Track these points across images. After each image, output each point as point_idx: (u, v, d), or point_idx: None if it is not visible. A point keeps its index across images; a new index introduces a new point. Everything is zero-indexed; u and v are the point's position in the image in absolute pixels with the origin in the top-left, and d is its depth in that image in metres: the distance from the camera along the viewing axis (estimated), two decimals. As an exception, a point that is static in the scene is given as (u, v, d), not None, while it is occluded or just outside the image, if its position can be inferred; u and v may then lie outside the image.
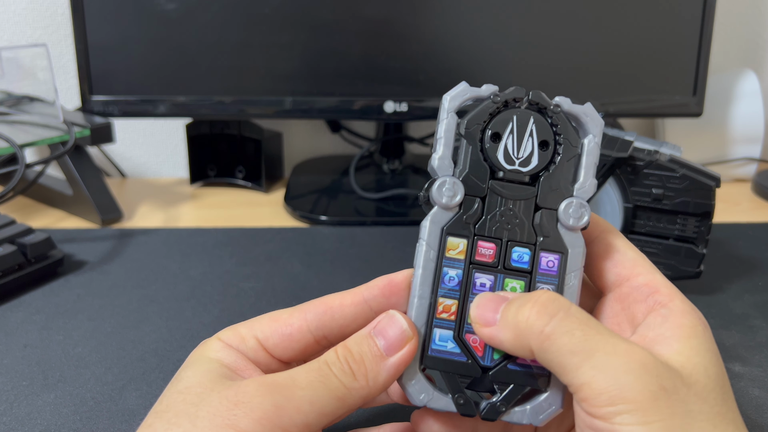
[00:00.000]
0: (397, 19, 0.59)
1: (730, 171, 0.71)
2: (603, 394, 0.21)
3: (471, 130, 0.25)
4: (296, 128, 0.77)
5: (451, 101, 0.26)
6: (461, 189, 0.25)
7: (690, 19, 0.60)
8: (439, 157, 0.25)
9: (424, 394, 0.24)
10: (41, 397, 0.35)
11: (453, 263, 0.25)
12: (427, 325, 0.25)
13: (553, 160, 0.25)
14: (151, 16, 0.58)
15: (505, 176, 0.25)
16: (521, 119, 0.25)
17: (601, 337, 0.22)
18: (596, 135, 0.26)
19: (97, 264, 0.50)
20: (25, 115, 0.61)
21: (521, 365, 0.24)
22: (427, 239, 0.25)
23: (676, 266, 0.44)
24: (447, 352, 0.24)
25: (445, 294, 0.25)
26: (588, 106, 0.26)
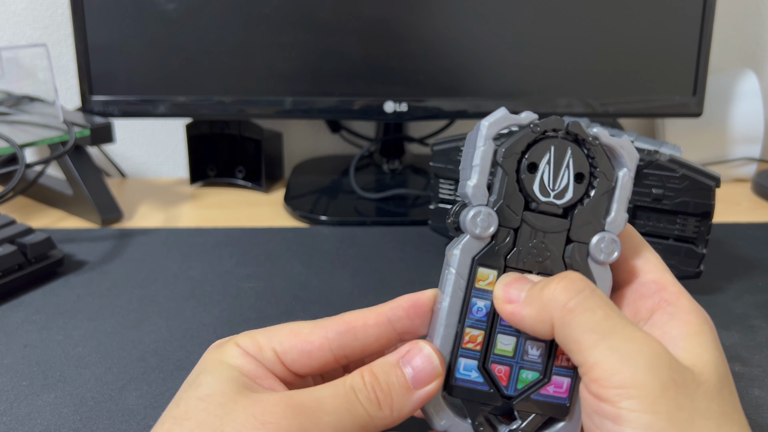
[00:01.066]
0: (397, 19, 0.59)
1: (730, 171, 0.71)
2: (615, 375, 0.21)
3: (508, 160, 0.25)
4: (296, 128, 0.77)
5: (489, 128, 0.25)
6: (495, 220, 0.25)
7: (690, 19, 0.60)
8: (474, 186, 0.25)
9: (445, 420, 0.25)
10: (41, 397, 0.35)
11: (482, 294, 0.25)
12: (453, 354, 0.25)
13: (588, 193, 0.25)
14: (151, 16, 0.58)
15: (539, 208, 0.25)
16: (559, 150, 0.25)
17: (621, 321, 0.22)
18: (631, 169, 0.25)
19: (97, 264, 0.50)
20: (25, 115, 0.61)
21: (545, 396, 0.25)
22: (458, 268, 0.25)
23: (676, 266, 0.44)
24: (471, 382, 0.25)
25: (473, 324, 0.25)
26: (625, 140, 0.25)
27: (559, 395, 0.25)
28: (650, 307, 0.25)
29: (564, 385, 0.25)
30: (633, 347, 0.22)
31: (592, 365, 0.22)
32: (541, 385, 0.25)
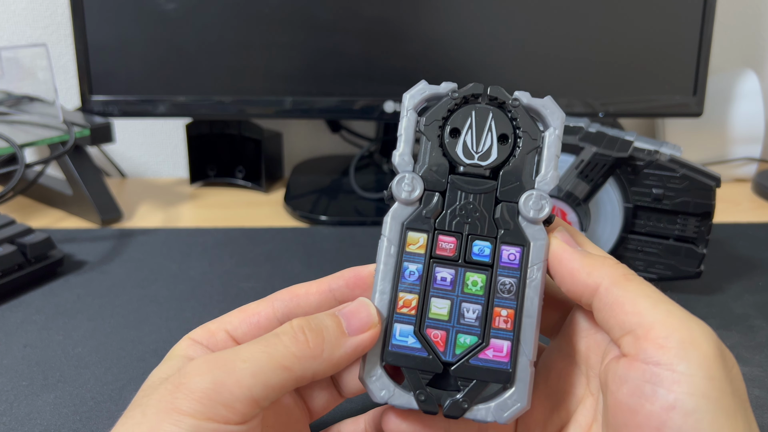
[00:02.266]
0: (396, 19, 0.59)
1: (731, 171, 0.71)
2: (676, 333, 0.21)
3: (430, 126, 0.26)
4: (296, 128, 0.77)
5: (410, 99, 0.26)
6: (420, 184, 0.25)
7: (690, 19, 0.60)
8: (399, 154, 0.25)
9: (385, 391, 0.24)
10: (41, 397, 0.35)
11: (413, 258, 0.25)
12: (388, 320, 0.24)
13: (513, 154, 0.25)
14: (151, 16, 0.58)
15: (465, 171, 0.25)
16: (480, 114, 0.26)
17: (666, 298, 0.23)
18: (557, 127, 0.25)
19: (96, 264, 0.50)
20: (25, 115, 0.61)
21: (484, 360, 0.24)
22: (388, 235, 0.25)
23: (676, 266, 0.44)
24: (408, 348, 0.24)
25: (405, 288, 0.25)
26: (548, 99, 0.26)
27: (499, 359, 0.24)
28: None
29: (504, 349, 0.24)
30: (689, 316, 0.22)
31: (651, 324, 0.21)
32: (479, 349, 0.24)
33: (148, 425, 0.21)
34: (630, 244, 0.45)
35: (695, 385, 0.20)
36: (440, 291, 0.25)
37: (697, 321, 0.22)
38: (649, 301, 0.22)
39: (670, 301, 0.22)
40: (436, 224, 0.25)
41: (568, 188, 0.43)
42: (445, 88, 0.26)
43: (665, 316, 0.21)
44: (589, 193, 0.44)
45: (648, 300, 0.22)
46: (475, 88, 0.26)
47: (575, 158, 0.44)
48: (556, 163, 0.25)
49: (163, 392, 0.22)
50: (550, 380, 0.27)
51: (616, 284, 0.23)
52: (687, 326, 0.21)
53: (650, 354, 0.21)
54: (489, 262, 0.25)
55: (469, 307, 0.24)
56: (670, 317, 0.21)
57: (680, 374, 0.20)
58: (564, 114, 0.26)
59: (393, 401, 0.24)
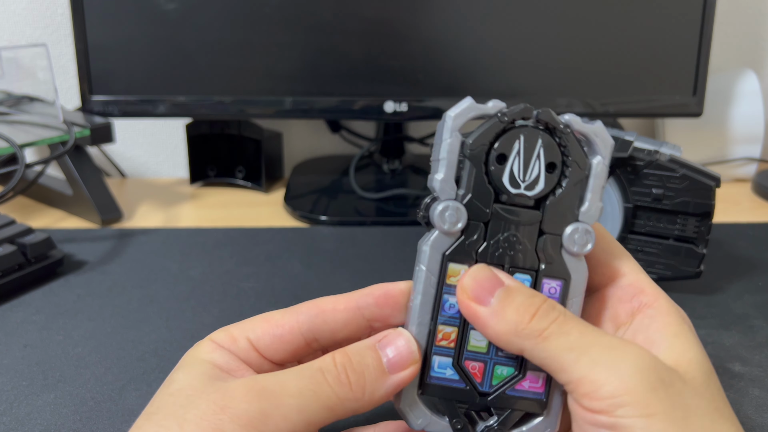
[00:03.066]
0: (397, 19, 0.59)
1: (730, 171, 0.71)
2: (604, 386, 0.21)
3: (476, 152, 0.24)
4: (296, 128, 0.77)
5: (455, 119, 0.24)
6: (464, 215, 0.24)
7: (690, 19, 0.60)
8: (441, 180, 0.24)
9: (422, 419, 0.24)
10: (41, 397, 0.35)
11: (454, 291, 0.24)
12: (427, 352, 0.24)
13: (560, 184, 0.24)
14: (151, 16, 0.58)
15: (509, 200, 0.24)
16: (529, 139, 0.24)
17: (598, 334, 0.23)
18: (605, 157, 0.24)
19: (97, 264, 0.50)
20: (25, 115, 0.61)
21: (520, 391, 0.24)
22: (428, 265, 0.24)
23: (676, 266, 0.44)
24: (446, 379, 0.25)
25: (445, 322, 0.24)
26: (598, 125, 0.25)
27: (535, 390, 0.24)
28: (630, 311, 0.25)
29: (540, 380, 0.24)
30: (615, 355, 0.22)
31: (578, 381, 0.22)
32: (516, 380, 0.24)
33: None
34: (630, 244, 0.45)
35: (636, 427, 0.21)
36: None
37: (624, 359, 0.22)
38: (572, 357, 0.22)
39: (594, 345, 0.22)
40: (478, 256, 0.24)
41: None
42: (494, 108, 0.24)
43: (589, 369, 0.22)
44: (589, 193, 0.44)
45: (570, 356, 0.22)
46: (525, 110, 0.24)
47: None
48: (602, 194, 0.25)
49: (205, 410, 0.22)
50: None
51: (536, 348, 0.23)
52: (614, 372, 0.21)
53: (587, 405, 0.22)
54: None
55: None
56: (595, 369, 0.21)
57: (619, 419, 0.21)
58: (613, 141, 0.25)
59: (430, 429, 0.24)
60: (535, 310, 0.23)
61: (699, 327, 0.43)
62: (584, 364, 0.22)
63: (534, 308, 0.23)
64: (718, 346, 0.40)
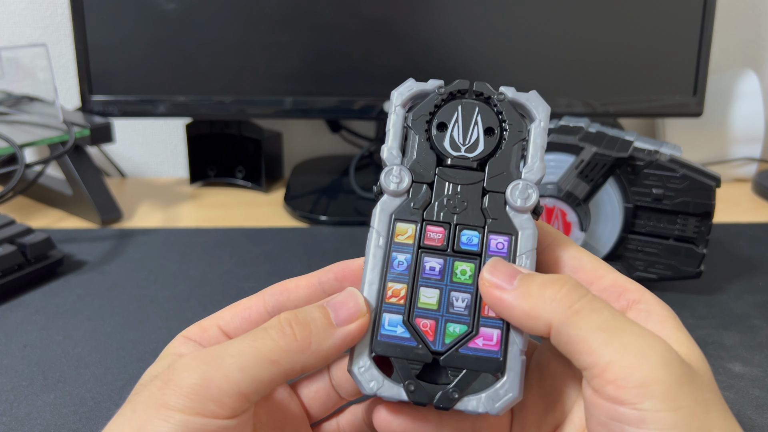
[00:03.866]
0: (397, 18, 0.59)
1: (731, 171, 0.71)
2: (634, 373, 0.20)
3: (417, 121, 0.26)
4: (296, 128, 0.77)
5: (398, 96, 0.26)
6: (408, 175, 0.25)
7: (690, 19, 0.60)
8: (387, 148, 0.26)
9: (374, 382, 0.24)
10: (41, 398, 0.35)
11: (402, 248, 0.25)
12: (377, 311, 0.24)
13: (499, 146, 0.26)
14: (151, 16, 0.58)
15: (453, 163, 0.25)
16: (466, 109, 0.26)
17: (627, 320, 0.22)
18: (542, 119, 0.26)
19: (96, 264, 0.50)
20: (24, 115, 0.61)
21: (473, 349, 0.24)
22: (377, 226, 0.25)
23: (676, 266, 0.44)
24: (397, 337, 0.24)
25: (394, 278, 0.24)
26: (533, 93, 0.26)
27: (489, 348, 0.24)
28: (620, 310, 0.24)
29: (494, 337, 0.24)
30: (645, 344, 0.21)
31: (606, 364, 0.21)
32: (469, 337, 0.24)
33: (138, 421, 0.21)
34: (630, 244, 0.45)
35: (663, 421, 0.20)
36: (429, 280, 0.24)
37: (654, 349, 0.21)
38: (602, 338, 0.21)
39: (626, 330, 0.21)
40: (425, 215, 0.25)
41: (568, 188, 0.43)
42: (432, 84, 0.26)
43: (620, 354, 0.20)
44: (589, 193, 0.44)
45: (601, 336, 0.21)
46: (461, 84, 0.26)
47: (575, 158, 0.44)
48: (542, 154, 0.25)
49: (153, 389, 0.22)
50: (543, 379, 0.26)
51: (566, 323, 0.22)
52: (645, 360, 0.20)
53: (611, 393, 0.20)
54: (477, 251, 0.25)
55: (458, 296, 0.24)
56: (626, 354, 0.20)
57: (645, 412, 0.20)
58: (549, 107, 0.26)
59: (382, 393, 0.23)
60: (564, 284, 0.22)
61: (699, 327, 0.43)
62: (615, 347, 0.21)
63: (561, 282, 0.22)
64: (719, 346, 0.40)
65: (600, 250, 0.45)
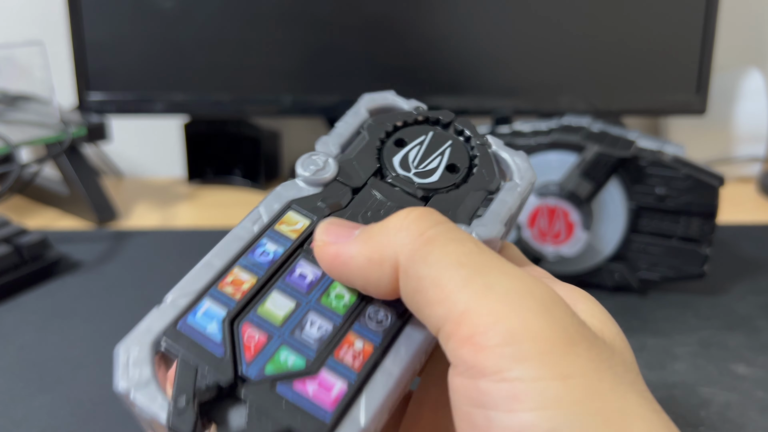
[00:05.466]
0: (396, 16, 0.59)
1: (735, 170, 0.71)
2: (498, 323, 0.14)
3: (374, 126, 0.22)
4: (295, 127, 0.76)
5: (369, 100, 0.23)
6: (333, 169, 0.20)
7: (693, 16, 0.59)
8: (324, 138, 0.21)
9: (135, 378, 0.16)
10: (37, 399, 0.34)
11: (278, 238, 0.19)
12: (199, 294, 0.18)
13: (457, 185, 0.21)
14: (149, 14, 0.58)
15: (393, 181, 0.21)
16: (437, 138, 0.22)
17: (497, 257, 0.16)
18: (521, 185, 0.21)
19: (93, 265, 0.50)
20: (21, 114, 0.61)
21: (297, 394, 0.16)
22: (265, 203, 0.20)
23: (679, 267, 0.44)
24: (201, 334, 0.17)
25: (246, 266, 0.18)
26: (522, 153, 0.22)
27: (320, 402, 0.16)
28: None
29: (334, 390, 0.16)
30: (518, 286, 0.15)
31: (462, 313, 0.14)
32: (300, 376, 0.17)
33: None
34: (633, 244, 0.44)
35: (542, 394, 0.13)
36: (289, 288, 0.18)
37: (532, 293, 0.15)
38: (461, 274, 0.15)
39: (493, 267, 0.15)
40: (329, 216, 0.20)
41: (571, 188, 0.43)
42: (411, 104, 0.23)
43: (482, 296, 0.14)
44: (591, 192, 0.43)
45: (459, 272, 0.15)
46: (444, 114, 0.22)
47: (578, 157, 0.43)
48: (506, 218, 0.20)
49: None
50: (422, 419, 0.20)
51: (413, 258, 0.16)
52: (516, 306, 0.14)
53: (467, 359, 0.14)
54: None
55: (316, 321, 0.18)
56: (489, 298, 0.14)
57: (514, 383, 0.13)
58: (535, 176, 0.22)
59: (136, 397, 0.16)
60: (413, 210, 0.17)
61: (703, 328, 0.42)
62: (476, 287, 0.14)
63: (410, 209, 0.17)
64: (722, 347, 0.40)
65: (603, 250, 0.45)
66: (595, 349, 0.14)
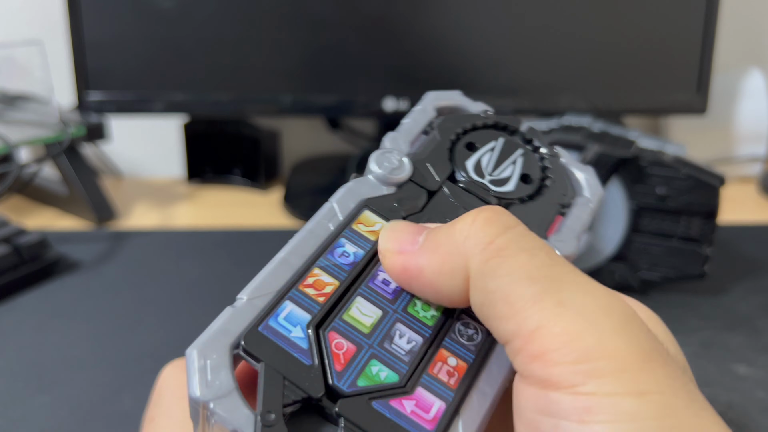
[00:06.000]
0: (396, 16, 0.59)
1: (735, 170, 0.71)
2: (573, 341, 0.13)
3: (445, 126, 0.21)
4: (295, 126, 0.76)
5: (435, 98, 0.22)
6: (408, 169, 0.19)
7: (694, 15, 0.59)
8: (393, 135, 0.20)
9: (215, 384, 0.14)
10: (36, 400, 0.34)
11: (357, 239, 0.18)
12: (279, 294, 0.16)
13: (532, 198, 0.20)
14: (148, 13, 0.58)
15: (467, 186, 0.20)
16: (508, 145, 0.21)
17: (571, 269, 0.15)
18: (593, 200, 0.21)
19: (92, 265, 0.50)
20: (20, 114, 0.61)
21: (395, 411, 0.15)
22: (339, 199, 0.19)
23: (680, 267, 0.44)
24: (287, 340, 0.15)
25: (326, 267, 0.17)
26: (590, 169, 0.21)
27: (419, 421, 0.15)
28: None
29: (432, 410, 0.15)
30: (593, 302, 0.14)
31: (533, 331, 0.14)
32: (395, 393, 0.15)
33: None
34: (634, 244, 0.44)
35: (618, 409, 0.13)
36: (374, 294, 0.17)
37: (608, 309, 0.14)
38: (533, 290, 0.14)
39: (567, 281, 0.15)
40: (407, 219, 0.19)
41: (571, 187, 0.42)
42: (479, 107, 0.22)
43: (556, 314, 0.14)
44: (592, 192, 0.43)
45: (531, 287, 0.14)
46: (512, 119, 0.21)
47: (578, 157, 0.43)
48: (581, 233, 0.20)
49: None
50: None
51: (483, 271, 0.15)
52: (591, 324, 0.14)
53: (539, 374, 0.14)
54: None
55: (405, 332, 0.16)
56: (564, 316, 0.14)
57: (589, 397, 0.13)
58: (603, 192, 0.21)
59: (217, 407, 0.14)
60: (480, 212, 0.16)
61: (704, 328, 0.42)
62: (548, 304, 0.14)
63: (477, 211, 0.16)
64: (723, 347, 0.40)
65: (603, 250, 0.45)
66: (669, 366, 0.14)
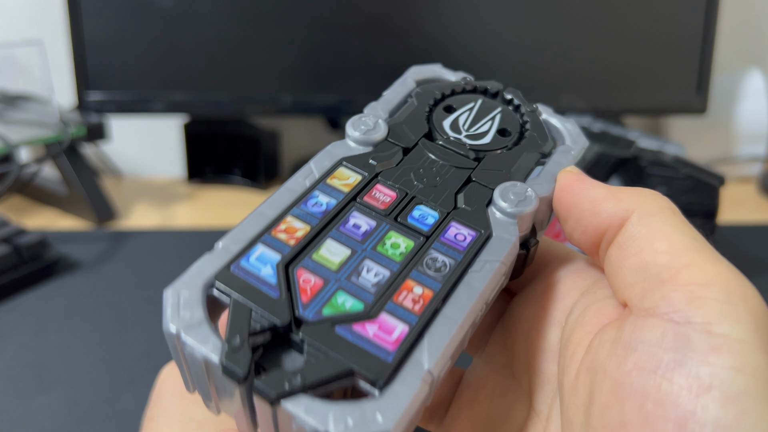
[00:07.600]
0: (396, 15, 0.59)
1: (735, 170, 0.71)
2: (721, 283, 0.14)
3: (422, 93, 0.22)
4: (295, 126, 0.76)
5: (416, 71, 0.23)
6: (383, 129, 0.20)
7: (694, 15, 0.59)
8: (372, 104, 0.21)
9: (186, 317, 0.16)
10: (36, 400, 0.34)
11: (330, 191, 0.19)
12: (252, 240, 0.17)
13: (509, 147, 0.21)
14: (148, 13, 0.58)
15: (444, 143, 0.21)
16: (486, 106, 0.22)
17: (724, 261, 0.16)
18: (575, 149, 0.21)
19: (92, 265, 0.50)
20: (20, 114, 0.61)
21: (357, 335, 0.16)
22: (316, 160, 0.19)
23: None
24: (257, 277, 0.16)
25: (299, 215, 0.18)
26: (572, 121, 0.22)
27: (381, 342, 0.15)
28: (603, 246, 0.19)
29: (395, 333, 0.16)
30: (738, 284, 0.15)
31: (686, 265, 0.15)
32: (359, 318, 0.16)
33: None
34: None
35: (745, 357, 0.13)
36: (344, 236, 0.18)
37: (746, 295, 0.15)
38: (692, 243, 0.15)
39: (709, 248, 0.16)
40: (381, 175, 0.19)
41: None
42: (459, 75, 0.23)
43: (708, 260, 0.15)
44: (592, 192, 0.43)
45: (691, 241, 0.15)
46: (492, 84, 0.22)
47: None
48: None
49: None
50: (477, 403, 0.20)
51: (653, 215, 0.16)
52: (735, 276, 0.15)
53: (676, 306, 0.14)
54: (426, 231, 0.18)
55: (373, 267, 0.17)
56: (714, 262, 0.15)
57: (723, 338, 0.13)
58: (587, 142, 0.22)
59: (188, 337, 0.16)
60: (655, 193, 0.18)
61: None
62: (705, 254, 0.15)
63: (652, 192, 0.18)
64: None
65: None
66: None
